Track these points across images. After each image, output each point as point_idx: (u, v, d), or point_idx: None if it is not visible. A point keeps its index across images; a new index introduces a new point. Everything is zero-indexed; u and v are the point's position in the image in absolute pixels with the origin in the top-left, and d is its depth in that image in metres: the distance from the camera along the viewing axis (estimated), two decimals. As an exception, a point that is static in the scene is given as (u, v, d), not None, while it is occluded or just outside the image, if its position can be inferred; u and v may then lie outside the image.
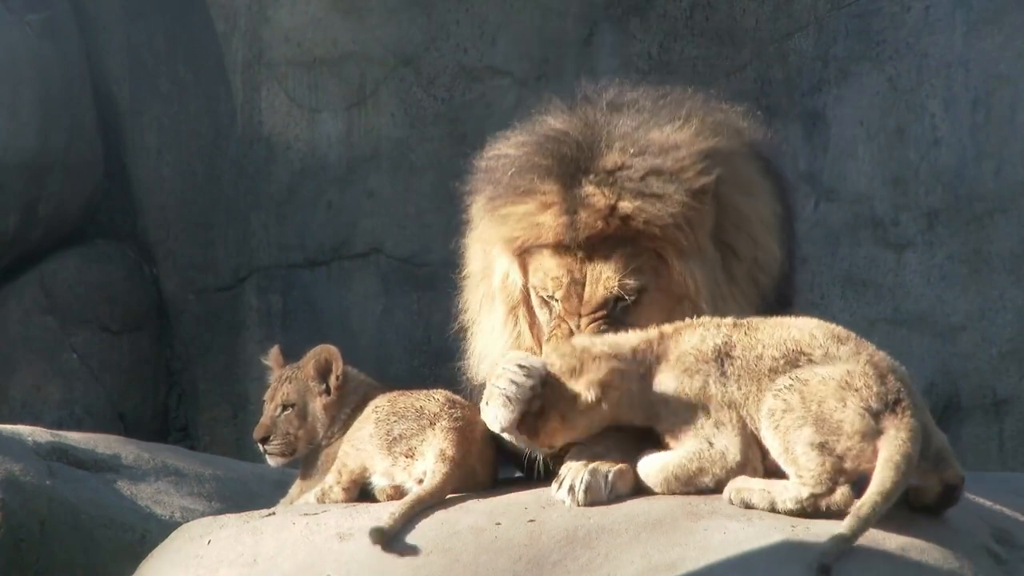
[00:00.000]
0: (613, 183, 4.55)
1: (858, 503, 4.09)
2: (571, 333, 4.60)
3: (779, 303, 4.74)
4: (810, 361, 4.27)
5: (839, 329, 4.38)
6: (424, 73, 10.42)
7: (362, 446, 4.68)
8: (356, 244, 10.60)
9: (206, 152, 10.87)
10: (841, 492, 4.15)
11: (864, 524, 4.06)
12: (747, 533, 4.12)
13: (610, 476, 4.36)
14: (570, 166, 4.61)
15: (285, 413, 4.95)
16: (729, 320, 4.42)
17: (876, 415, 4.17)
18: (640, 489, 4.38)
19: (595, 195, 4.55)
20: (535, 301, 4.73)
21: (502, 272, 4.81)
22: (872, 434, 4.15)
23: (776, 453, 4.23)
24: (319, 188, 10.61)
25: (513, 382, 4.37)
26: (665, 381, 4.37)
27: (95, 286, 10.79)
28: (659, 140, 4.61)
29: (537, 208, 4.61)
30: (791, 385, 4.22)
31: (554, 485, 4.40)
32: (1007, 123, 9.54)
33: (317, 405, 4.94)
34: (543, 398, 4.39)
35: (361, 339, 10.43)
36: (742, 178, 4.73)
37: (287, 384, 4.97)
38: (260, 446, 4.99)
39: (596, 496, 4.33)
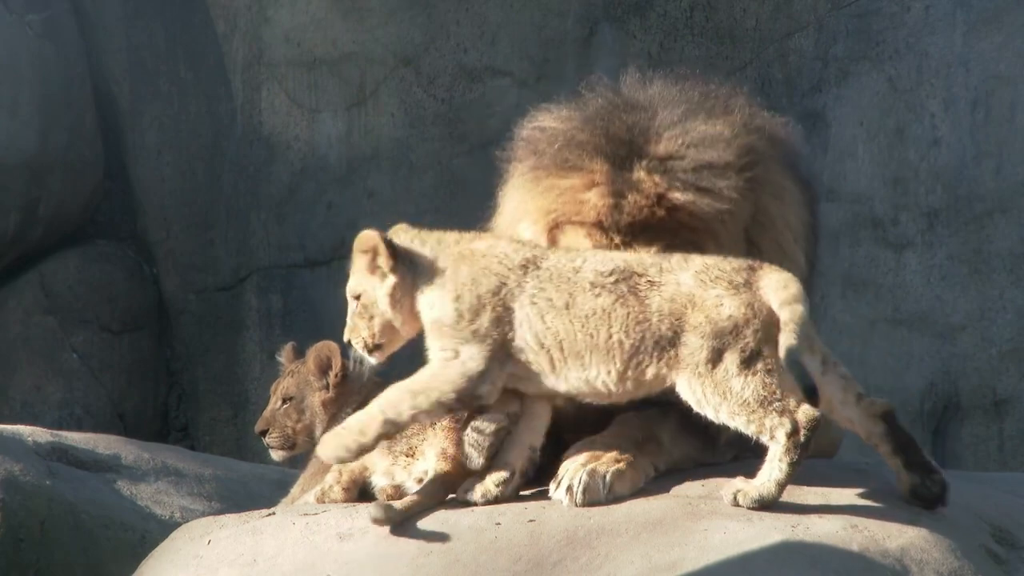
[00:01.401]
0: (665, 172, 4.53)
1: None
2: None
3: None
4: (650, 283, 4.32)
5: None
6: (424, 73, 10.42)
7: (362, 445, 4.69)
8: (356, 244, 10.59)
9: (206, 152, 10.88)
10: (803, 411, 4.19)
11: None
12: (747, 533, 4.12)
13: (608, 476, 4.35)
14: (621, 148, 4.58)
15: (284, 406, 4.99)
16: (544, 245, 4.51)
17: (746, 284, 4.27)
18: (639, 489, 4.39)
19: (646, 181, 4.53)
20: None
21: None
22: (755, 299, 4.24)
23: (718, 407, 4.25)
24: (319, 188, 10.62)
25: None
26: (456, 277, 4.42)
27: (95, 286, 10.79)
28: (709, 133, 4.60)
29: (583, 184, 4.58)
30: (692, 331, 4.24)
31: (552, 485, 4.40)
32: (1007, 123, 9.54)
33: (315, 400, 4.96)
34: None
35: (361, 339, 10.42)
36: (775, 183, 4.72)
37: (288, 378, 5.03)
38: (261, 438, 5.03)
39: (594, 496, 4.33)
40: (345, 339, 4.55)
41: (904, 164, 9.70)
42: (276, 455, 5.04)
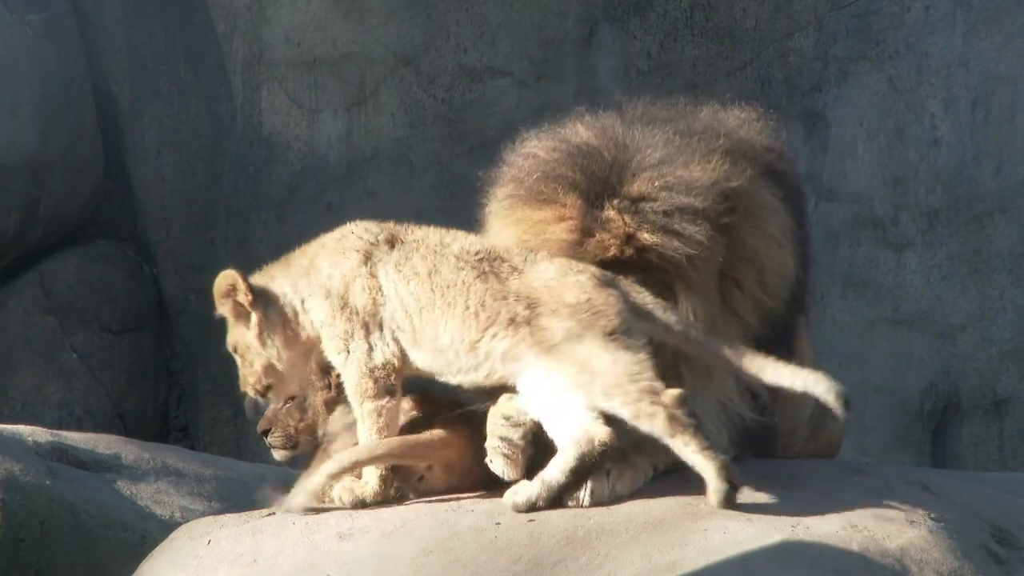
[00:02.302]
0: (636, 212, 4.53)
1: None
2: None
3: (789, 310, 4.74)
4: (512, 268, 4.42)
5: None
6: (424, 73, 10.42)
7: (362, 444, 4.69)
8: (356, 244, 10.59)
9: (206, 152, 10.87)
10: (667, 393, 4.22)
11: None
12: (747, 533, 4.12)
13: (610, 476, 4.35)
14: (596, 185, 4.59)
15: (287, 406, 4.99)
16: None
17: (613, 282, 4.39)
18: (638, 488, 4.39)
19: (616, 220, 4.54)
20: None
21: None
22: (625, 294, 4.35)
23: (590, 385, 4.28)
24: (319, 188, 10.61)
25: (503, 439, 4.45)
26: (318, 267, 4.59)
27: (95, 286, 10.79)
28: (685, 178, 4.58)
29: (553, 218, 4.60)
30: (550, 314, 4.33)
31: None
32: (1007, 123, 9.54)
33: (318, 400, 4.97)
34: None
35: (361, 339, 10.42)
36: (755, 209, 4.70)
37: None
38: (263, 439, 5.03)
39: (597, 497, 4.33)
40: (241, 391, 4.74)
41: (904, 164, 9.70)
42: (278, 455, 5.03)
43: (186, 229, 10.89)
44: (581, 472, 4.30)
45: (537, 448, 4.46)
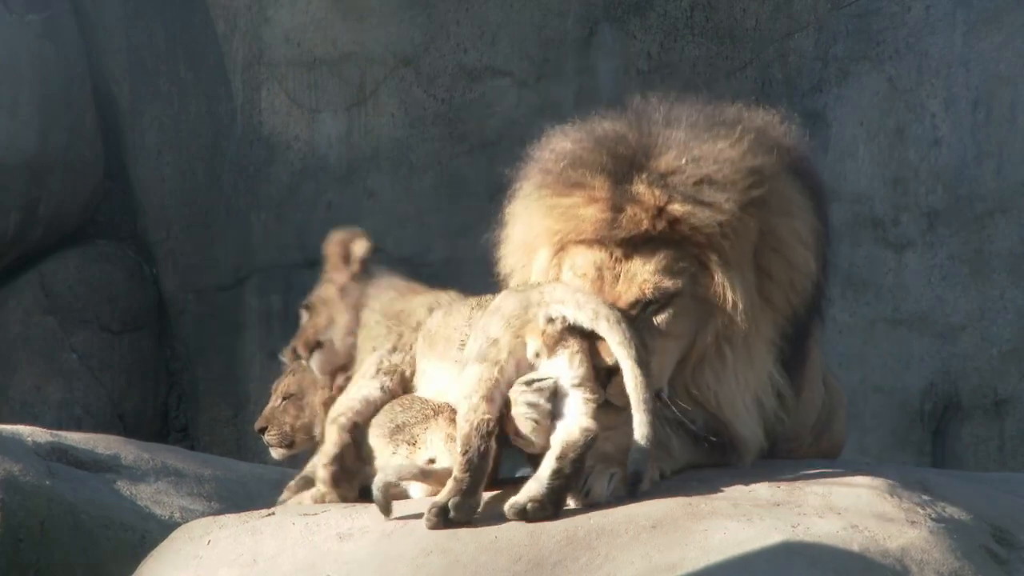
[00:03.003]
0: (665, 185, 4.54)
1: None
2: None
3: (808, 314, 4.75)
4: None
5: None
6: (424, 73, 10.41)
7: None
8: (356, 244, 10.58)
9: (206, 152, 10.87)
10: (480, 417, 4.34)
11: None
12: (747, 533, 4.12)
13: (614, 478, 4.35)
14: (623, 165, 4.59)
15: (284, 404, 4.99)
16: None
17: (530, 287, 4.54)
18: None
19: (645, 194, 4.54)
20: None
21: (540, 267, 4.79)
22: (525, 295, 4.48)
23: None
24: (319, 188, 10.61)
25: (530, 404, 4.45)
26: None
27: (95, 286, 10.79)
28: (712, 153, 4.60)
29: (583, 201, 4.60)
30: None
31: None
32: (1007, 123, 9.54)
33: (316, 399, 4.97)
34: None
35: (361, 339, 10.41)
36: (783, 199, 4.70)
37: (290, 376, 5.04)
38: (261, 436, 5.04)
39: (596, 496, 4.33)
40: (291, 346, 4.98)
41: (904, 164, 9.69)
42: (275, 453, 5.04)
43: (186, 229, 10.89)
44: (567, 460, 4.29)
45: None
